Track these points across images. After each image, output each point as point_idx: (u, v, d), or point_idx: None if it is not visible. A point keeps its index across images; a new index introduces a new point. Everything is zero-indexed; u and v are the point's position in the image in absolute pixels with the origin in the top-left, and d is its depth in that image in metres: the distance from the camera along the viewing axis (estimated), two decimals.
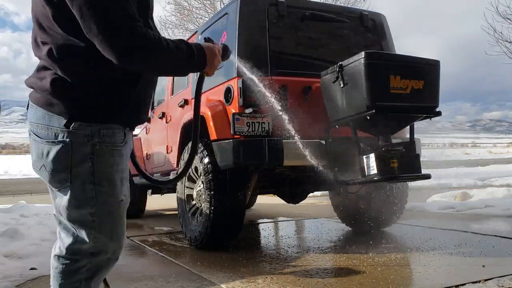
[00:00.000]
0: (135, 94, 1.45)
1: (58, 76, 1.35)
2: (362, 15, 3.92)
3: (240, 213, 3.45)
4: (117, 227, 1.47)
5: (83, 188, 1.38)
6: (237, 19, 3.38)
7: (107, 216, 1.43)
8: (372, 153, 2.98)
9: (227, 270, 2.93)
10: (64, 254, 1.43)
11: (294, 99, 3.36)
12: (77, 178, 1.38)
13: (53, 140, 1.37)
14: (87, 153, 1.37)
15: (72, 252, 1.42)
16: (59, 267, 1.44)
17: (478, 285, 2.40)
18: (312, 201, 6.95)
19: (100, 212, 1.41)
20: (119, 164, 1.45)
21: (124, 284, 2.68)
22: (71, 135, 1.36)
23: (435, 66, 3.12)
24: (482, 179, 9.97)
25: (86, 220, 1.40)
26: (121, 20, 1.27)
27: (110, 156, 1.42)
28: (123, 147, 1.47)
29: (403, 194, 4.13)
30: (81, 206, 1.39)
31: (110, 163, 1.42)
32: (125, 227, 1.51)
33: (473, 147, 67.32)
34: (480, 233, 3.96)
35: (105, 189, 1.40)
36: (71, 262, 1.43)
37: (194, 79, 4.07)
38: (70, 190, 1.38)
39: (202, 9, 13.03)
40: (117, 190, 1.44)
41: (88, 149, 1.37)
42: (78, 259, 1.42)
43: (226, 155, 3.20)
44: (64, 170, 1.37)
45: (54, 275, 1.45)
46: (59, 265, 1.44)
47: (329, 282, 2.59)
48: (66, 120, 1.36)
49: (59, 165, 1.37)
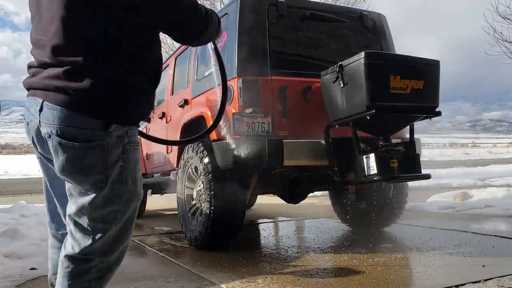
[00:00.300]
0: (151, 98, 1.53)
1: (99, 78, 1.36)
2: (362, 15, 3.92)
3: (240, 213, 3.45)
4: (132, 224, 1.53)
5: (112, 187, 1.40)
6: (237, 19, 3.38)
7: (127, 214, 1.47)
8: (372, 153, 2.98)
9: (227, 270, 2.93)
10: (76, 254, 1.42)
11: (294, 99, 3.36)
12: (110, 178, 1.40)
13: (88, 142, 1.36)
14: (119, 153, 1.41)
15: (86, 252, 1.42)
16: (70, 267, 1.43)
17: (478, 285, 2.40)
18: (312, 201, 6.95)
19: (124, 209, 1.44)
20: (139, 162, 1.51)
21: (124, 284, 2.68)
22: (107, 137, 1.38)
23: (435, 66, 3.12)
24: (482, 179, 9.97)
25: (109, 217, 1.42)
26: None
27: (134, 155, 1.47)
28: (139, 146, 1.53)
29: (403, 194, 4.13)
30: (107, 204, 1.41)
31: (134, 162, 1.47)
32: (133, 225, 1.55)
33: (473, 147, 67.29)
34: (480, 233, 3.96)
35: (130, 187, 1.45)
36: (83, 262, 1.43)
37: (194, 79, 4.08)
38: (101, 191, 1.39)
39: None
40: (139, 187, 1.49)
41: (120, 150, 1.41)
42: (90, 259, 1.42)
43: (226, 155, 3.20)
44: (101, 172, 1.38)
45: (64, 275, 1.44)
46: (70, 264, 1.43)
47: (329, 282, 2.59)
48: (103, 121, 1.37)
49: (96, 167, 1.37)
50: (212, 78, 3.57)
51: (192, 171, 3.72)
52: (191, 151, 3.65)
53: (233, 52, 3.35)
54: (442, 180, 9.39)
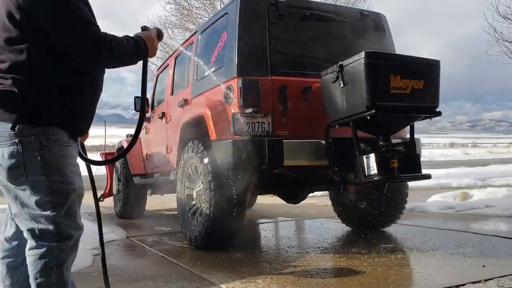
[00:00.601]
0: (71, 106, 1.68)
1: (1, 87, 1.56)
2: (362, 15, 3.92)
3: (240, 213, 3.45)
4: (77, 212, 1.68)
5: (38, 180, 1.59)
6: (237, 19, 3.38)
7: (64, 203, 1.62)
8: (372, 153, 2.97)
9: (227, 270, 2.93)
10: (34, 246, 1.61)
11: (294, 99, 3.36)
12: (30, 172, 1.58)
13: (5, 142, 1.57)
14: (36, 149, 1.58)
15: (39, 241, 1.60)
16: (30, 259, 1.61)
17: (478, 285, 2.40)
18: (312, 201, 6.95)
19: (57, 199, 1.61)
20: (67, 157, 1.67)
21: (124, 284, 2.68)
22: (18, 136, 1.57)
23: (435, 66, 3.12)
24: (482, 179, 9.96)
25: (45, 208, 1.59)
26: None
27: (57, 151, 1.63)
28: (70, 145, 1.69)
29: (403, 194, 4.13)
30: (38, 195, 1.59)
31: (59, 156, 1.64)
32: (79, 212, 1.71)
33: (473, 147, 67.27)
34: (480, 233, 3.96)
35: (57, 179, 1.61)
36: (39, 250, 1.60)
37: (194, 79, 4.08)
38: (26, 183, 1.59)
39: (202, 9, 13.03)
40: (69, 180, 1.65)
41: (36, 146, 1.59)
42: (44, 245, 1.60)
43: (226, 155, 3.20)
44: (19, 166, 1.57)
45: (29, 268, 1.62)
46: (29, 256, 1.62)
47: (329, 282, 2.59)
48: (11, 123, 1.56)
49: (14, 162, 1.57)
50: (212, 77, 3.58)
51: (192, 171, 3.72)
52: (191, 151, 3.65)
53: (233, 52, 3.35)
54: (442, 180, 9.39)
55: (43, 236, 1.59)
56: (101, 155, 6.92)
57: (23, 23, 1.55)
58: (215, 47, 3.71)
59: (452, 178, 10.02)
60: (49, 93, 1.61)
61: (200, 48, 4.11)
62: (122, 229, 4.91)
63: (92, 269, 3.05)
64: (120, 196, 6.02)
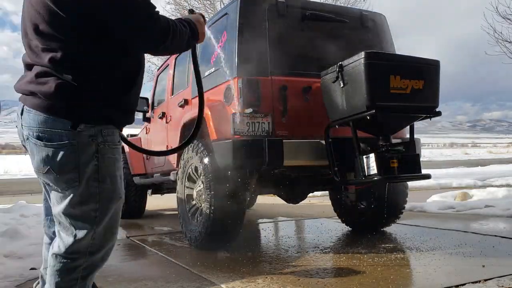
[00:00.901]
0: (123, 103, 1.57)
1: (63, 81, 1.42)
2: (362, 15, 3.92)
3: (240, 213, 3.45)
4: (116, 223, 1.58)
5: (87, 185, 1.46)
6: (237, 19, 3.38)
7: (108, 212, 1.52)
8: (372, 153, 2.97)
9: (227, 270, 2.93)
10: (62, 253, 1.50)
11: (294, 99, 3.36)
12: (84, 177, 1.45)
13: (59, 142, 1.43)
14: (93, 152, 1.47)
15: (71, 251, 1.49)
16: (56, 265, 1.51)
17: (478, 285, 2.40)
18: (312, 201, 6.95)
19: (103, 208, 1.49)
20: (119, 161, 1.57)
21: (124, 284, 2.68)
22: (77, 137, 1.44)
23: (435, 66, 3.12)
24: (482, 179, 9.97)
25: (89, 216, 1.48)
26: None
27: (111, 154, 1.52)
28: (120, 146, 1.59)
29: (403, 194, 4.13)
30: (84, 203, 1.47)
31: (112, 160, 1.53)
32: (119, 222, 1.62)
33: (473, 147, 67.25)
34: (480, 233, 3.96)
35: (107, 186, 1.50)
36: (69, 261, 1.50)
37: (194, 79, 4.08)
38: (76, 189, 1.46)
39: (202, 9, 13.04)
40: (118, 186, 1.55)
41: (93, 149, 1.47)
42: (76, 258, 1.50)
43: (226, 155, 3.20)
44: (73, 170, 1.44)
45: (51, 273, 1.52)
46: (56, 263, 1.51)
47: (329, 282, 2.59)
48: (71, 122, 1.43)
49: (68, 165, 1.44)
50: (212, 77, 3.57)
51: (192, 171, 3.72)
52: (191, 151, 3.66)
53: (233, 52, 3.35)
54: (442, 180, 9.39)
55: (78, 246, 1.49)
56: None
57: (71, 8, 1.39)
58: (215, 47, 3.71)
59: (452, 178, 10.02)
60: (107, 88, 1.49)
61: (200, 48, 4.11)
62: (122, 229, 4.90)
63: None
64: None
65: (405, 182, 3.98)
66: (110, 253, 1.60)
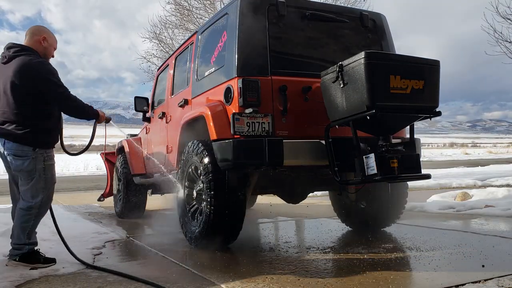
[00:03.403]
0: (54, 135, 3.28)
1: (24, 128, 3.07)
2: (362, 15, 3.92)
3: (240, 213, 3.45)
4: (51, 195, 3.25)
5: (39, 177, 3.11)
6: (237, 19, 3.38)
7: (49, 189, 3.19)
8: (372, 153, 2.97)
9: (227, 270, 2.93)
10: (25, 208, 3.09)
11: (294, 99, 3.36)
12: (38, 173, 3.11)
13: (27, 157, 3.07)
14: (42, 161, 3.12)
15: (29, 207, 3.10)
16: (21, 213, 3.10)
17: (478, 285, 2.40)
18: (312, 201, 6.95)
19: (46, 187, 3.15)
20: (53, 165, 3.24)
21: (124, 284, 2.68)
22: (35, 154, 3.09)
23: (435, 66, 3.12)
24: (482, 179, 9.97)
25: (40, 191, 3.12)
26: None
27: (50, 162, 3.19)
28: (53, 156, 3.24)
29: (403, 194, 4.13)
30: (38, 185, 3.11)
31: (50, 165, 3.20)
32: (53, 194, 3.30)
33: (473, 147, 67.30)
34: (480, 233, 3.96)
35: (48, 177, 3.17)
36: (28, 212, 3.10)
37: (194, 79, 4.08)
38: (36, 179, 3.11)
39: (202, 9, 13.03)
40: (54, 177, 3.24)
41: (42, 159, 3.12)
42: (31, 208, 3.10)
43: (226, 155, 3.20)
44: (33, 170, 3.10)
45: (17, 217, 3.12)
46: (21, 212, 3.10)
47: (329, 282, 2.59)
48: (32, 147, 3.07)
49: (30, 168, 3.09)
50: (212, 77, 3.56)
51: (192, 171, 3.72)
52: (191, 151, 3.65)
53: (233, 52, 3.35)
54: (442, 180, 9.40)
55: (32, 206, 3.10)
56: (101, 155, 6.93)
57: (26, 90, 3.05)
58: (215, 47, 3.72)
59: (452, 178, 10.03)
60: (44, 132, 3.14)
61: (200, 48, 4.11)
62: (122, 229, 4.91)
63: (92, 269, 3.06)
64: (120, 196, 6.02)
65: (405, 182, 3.98)
66: (47, 210, 3.24)
